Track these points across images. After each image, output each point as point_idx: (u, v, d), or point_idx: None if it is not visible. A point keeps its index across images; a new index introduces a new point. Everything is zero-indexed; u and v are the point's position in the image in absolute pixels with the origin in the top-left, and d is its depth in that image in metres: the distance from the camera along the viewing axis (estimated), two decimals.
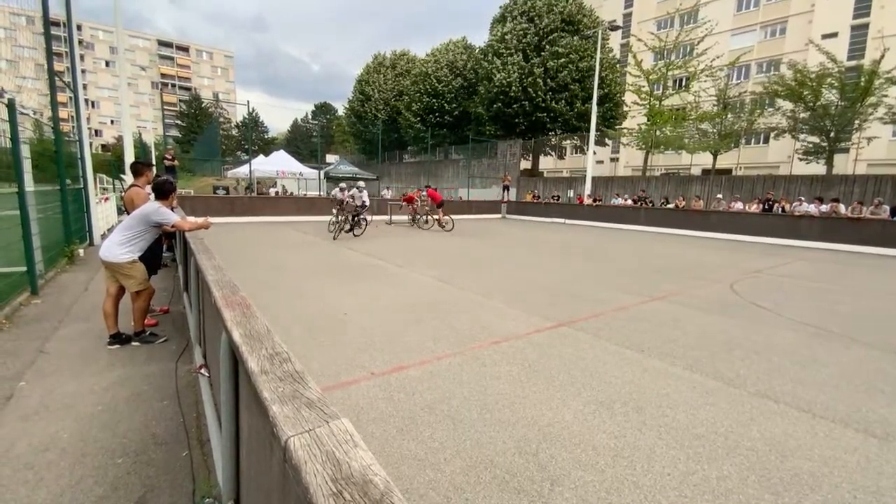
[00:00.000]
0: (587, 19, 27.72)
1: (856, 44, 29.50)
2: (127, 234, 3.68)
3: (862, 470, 2.29)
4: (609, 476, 2.16)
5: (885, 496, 2.08)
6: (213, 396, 2.32)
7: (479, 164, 29.49)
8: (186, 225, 3.87)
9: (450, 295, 5.79)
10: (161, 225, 3.78)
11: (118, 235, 3.68)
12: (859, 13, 29.87)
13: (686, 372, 3.50)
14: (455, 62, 33.20)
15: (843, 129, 20.20)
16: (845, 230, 13.10)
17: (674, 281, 7.35)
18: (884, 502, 2.04)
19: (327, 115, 72.97)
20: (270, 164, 23.20)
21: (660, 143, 24.89)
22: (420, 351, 3.73)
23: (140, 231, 3.72)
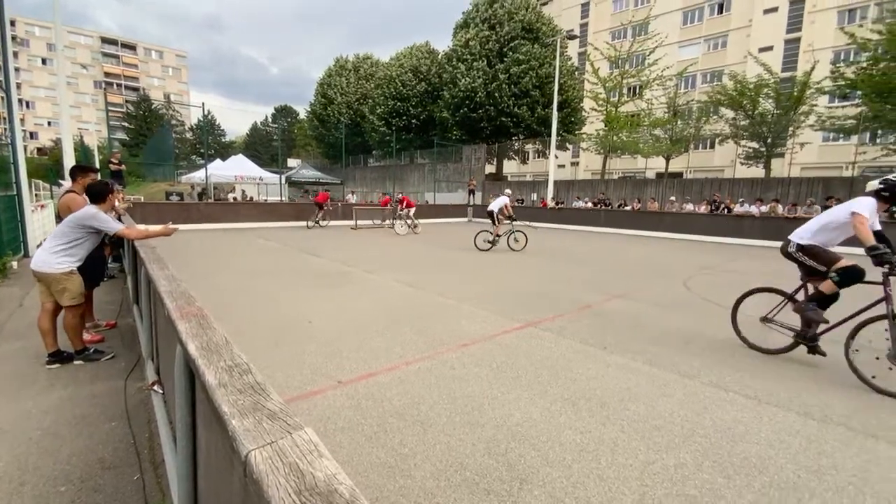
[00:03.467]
0: (546, 28, 28.61)
1: (789, 56, 32.08)
2: (61, 242, 3.38)
3: (804, 451, 2.48)
4: (576, 471, 2.22)
5: (825, 475, 2.26)
6: (167, 414, 2.19)
7: (444, 169, 29.64)
8: (133, 233, 3.61)
9: (418, 299, 5.77)
10: (100, 232, 3.50)
11: (52, 243, 3.38)
12: (792, 28, 32.53)
13: (646, 366, 3.66)
14: (419, 67, 33.28)
15: (778, 136, 21.89)
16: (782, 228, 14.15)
17: (633, 279, 7.67)
18: (824, 480, 2.22)
19: (288, 119, 71.12)
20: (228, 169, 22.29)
21: (617, 147, 26.03)
22: (388, 357, 3.69)
23: (77, 239, 3.42)
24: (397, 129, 32.31)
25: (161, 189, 29.89)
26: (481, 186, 27.71)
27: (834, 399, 3.14)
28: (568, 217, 20.32)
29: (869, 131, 19.33)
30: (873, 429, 2.74)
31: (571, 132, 29.63)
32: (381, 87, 34.43)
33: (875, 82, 17.31)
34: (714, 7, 36.57)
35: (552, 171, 22.44)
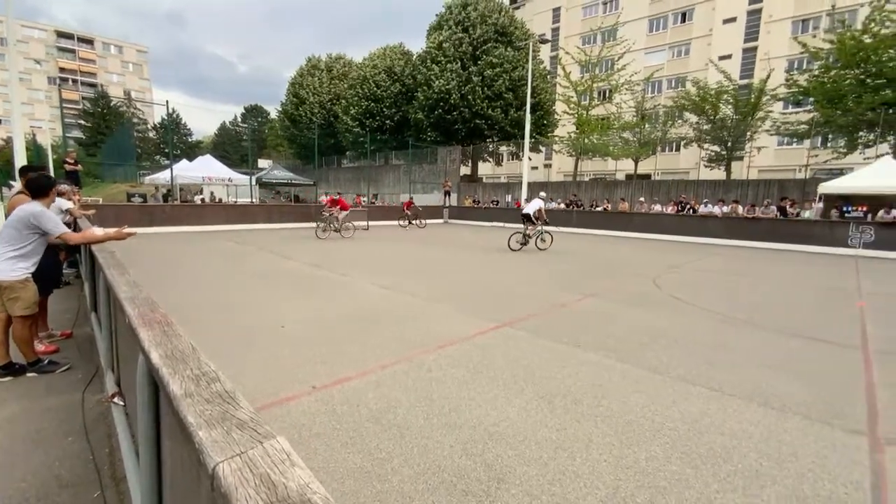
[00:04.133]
0: (519, 31, 29.04)
1: (747, 64, 33.73)
2: (12, 247, 3.12)
3: (765, 440, 2.60)
4: (552, 468, 2.25)
5: (785, 462, 2.38)
6: (129, 427, 2.09)
7: (420, 170, 29.58)
8: (76, 237, 3.32)
9: (394, 302, 5.72)
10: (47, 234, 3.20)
11: (2, 249, 3.12)
12: (749, 37, 34.22)
13: (618, 363, 3.75)
14: (393, 67, 33.11)
15: (737, 140, 22.97)
16: (743, 228, 14.90)
17: (604, 278, 7.87)
18: (784, 467, 2.33)
19: (259, 119, 69.31)
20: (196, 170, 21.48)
21: (588, 149, 26.67)
22: (364, 361, 3.64)
23: (29, 243, 3.16)
24: (371, 129, 32.03)
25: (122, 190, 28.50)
26: (456, 188, 27.82)
27: (792, 389, 3.31)
28: None
29: (820, 136, 20.55)
30: (828, 417, 2.91)
31: (544, 134, 30.15)
32: (355, 87, 34.05)
33: (826, 89, 18.44)
34: (678, 16, 38.06)
35: (526, 173, 22.76)
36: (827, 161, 20.13)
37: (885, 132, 17.50)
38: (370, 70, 33.39)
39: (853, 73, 17.66)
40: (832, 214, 14.53)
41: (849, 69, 17.79)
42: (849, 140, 18.84)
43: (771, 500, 2.06)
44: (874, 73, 16.97)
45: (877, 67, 16.85)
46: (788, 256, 12.21)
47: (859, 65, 17.38)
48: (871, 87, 16.99)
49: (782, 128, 21.19)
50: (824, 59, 18.95)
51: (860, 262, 11.41)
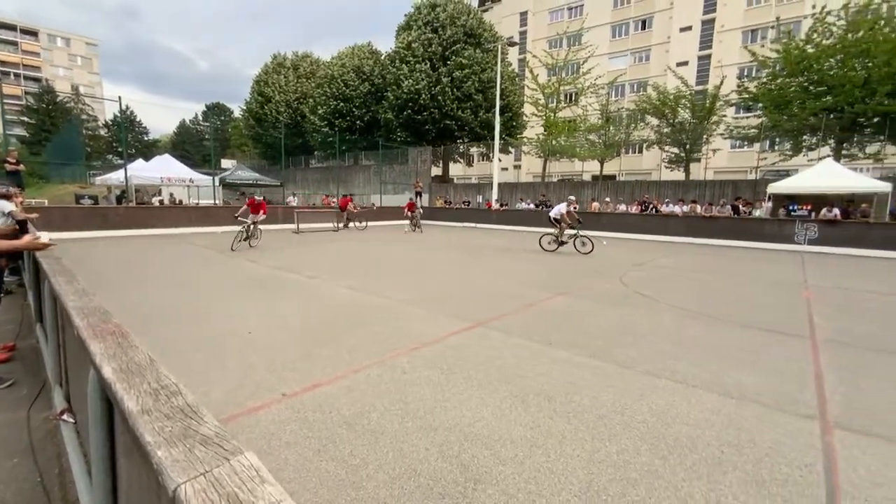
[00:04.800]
0: (487, 33, 29.34)
1: (702, 71, 35.49)
2: None
3: (726, 428, 2.73)
4: (527, 466, 2.27)
5: (744, 448, 2.50)
6: (80, 446, 1.95)
7: (390, 171, 29.35)
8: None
9: (365, 304, 5.64)
10: None
11: None
12: (703, 46, 36.01)
13: (588, 359, 3.84)
14: (362, 67, 32.70)
15: (695, 142, 24.11)
16: (702, 226, 15.65)
17: (574, 277, 8.06)
18: (744, 453, 2.45)
19: (221, 117, 66.77)
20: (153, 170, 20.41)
21: (556, 151, 27.27)
22: (335, 365, 3.56)
23: None
24: (340, 129, 31.50)
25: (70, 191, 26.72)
26: (428, 189, 27.79)
27: (749, 378, 3.49)
28: (512, 218, 20.95)
29: (768, 139, 21.88)
30: (782, 404, 3.08)
31: (513, 136, 30.59)
32: (323, 86, 33.38)
33: (773, 96, 19.64)
34: (638, 23, 39.59)
35: (496, 174, 23.04)
36: (775, 163, 21.45)
37: (827, 136, 18.84)
38: (338, 69, 32.84)
39: (797, 80, 18.90)
40: (780, 213, 15.50)
41: (793, 77, 19.02)
42: (794, 143, 20.14)
43: (733, 485, 2.16)
44: (816, 80, 18.22)
45: (818, 75, 18.09)
46: (742, 253, 12.91)
47: (803, 73, 18.62)
48: (813, 93, 18.23)
49: (735, 131, 22.43)
50: (771, 68, 20.19)
51: (805, 257, 12.21)
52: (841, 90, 17.10)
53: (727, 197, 18.29)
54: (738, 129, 22.20)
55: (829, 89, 17.69)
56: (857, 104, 16.83)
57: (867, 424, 2.80)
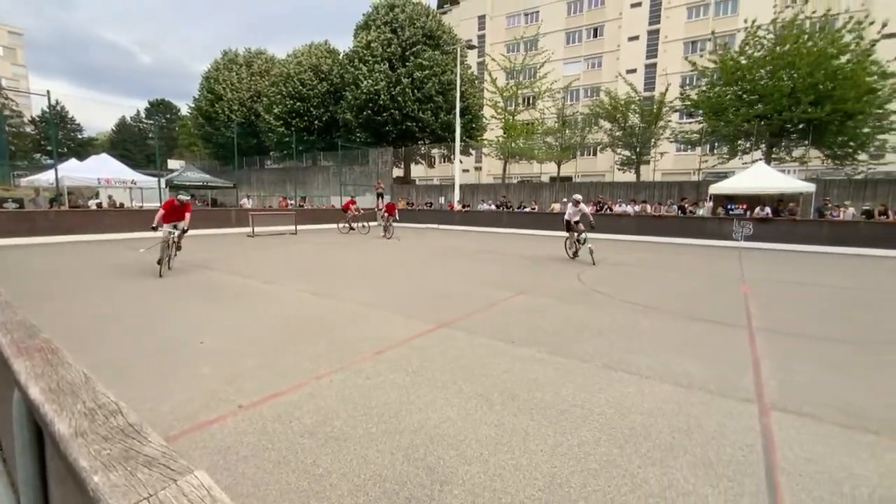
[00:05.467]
0: (446, 35, 29.52)
1: (649, 78, 37.51)
2: None
3: (676, 415, 2.89)
4: (493, 464, 2.30)
5: (693, 433, 2.66)
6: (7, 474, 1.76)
7: (350, 172, 28.82)
8: None
9: (327, 308, 5.50)
10: None
11: None
12: (650, 54, 38.09)
13: (549, 356, 3.95)
14: (319, 66, 31.90)
15: (644, 146, 25.46)
16: (652, 225, 16.54)
17: (534, 276, 8.26)
18: (693, 438, 2.60)
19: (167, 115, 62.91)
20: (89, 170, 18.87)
21: (515, 153, 27.88)
22: (296, 373, 3.44)
23: None
24: (297, 129, 30.58)
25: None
26: (389, 190, 27.54)
27: (695, 367, 3.72)
28: (474, 219, 21.19)
29: (708, 143, 23.45)
30: (725, 389, 3.31)
31: (474, 138, 30.94)
32: (278, 85, 32.25)
33: (711, 103, 21.09)
34: (591, 31, 41.26)
35: (458, 176, 23.21)
36: (714, 165, 23.02)
37: (759, 141, 20.47)
38: (294, 68, 31.85)
39: (732, 89, 20.40)
40: (720, 212, 16.66)
41: (729, 86, 20.52)
42: (731, 147, 21.73)
43: (683, 468, 2.29)
44: (749, 89, 19.76)
45: (751, 85, 19.63)
46: (688, 249, 13.75)
47: (737, 82, 20.14)
48: (746, 101, 19.75)
49: (679, 136, 23.89)
50: (709, 77, 21.68)
51: (742, 252, 13.19)
52: (770, 99, 18.65)
53: (674, 197, 19.44)
54: (682, 134, 23.67)
55: (760, 98, 19.23)
56: (784, 112, 18.41)
57: (799, 405, 3.06)
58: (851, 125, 18.21)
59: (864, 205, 15.63)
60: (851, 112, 17.63)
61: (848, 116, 17.80)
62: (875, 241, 12.86)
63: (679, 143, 24.88)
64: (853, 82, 17.38)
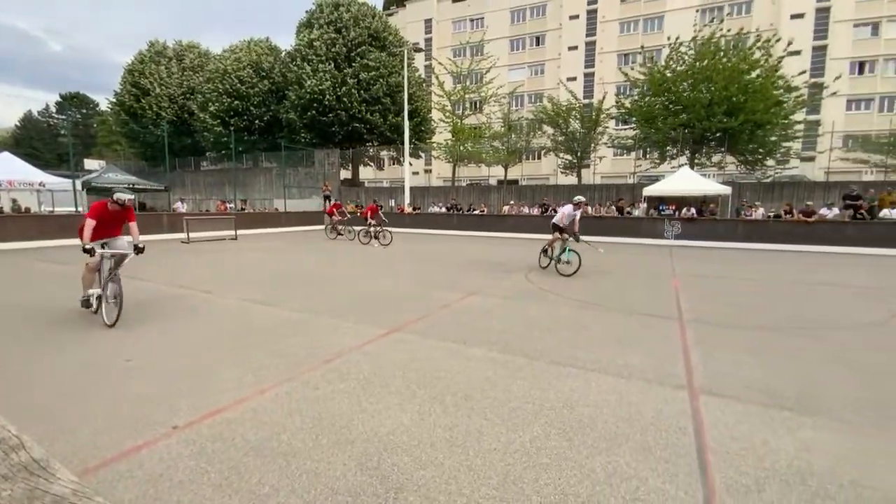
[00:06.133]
0: (393, 37, 29.37)
1: (588, 86, 39.67)
2: None
3: (619, 405, 3.05)
4: (448, 467, 2.29)
5: (634, 421, 2.82)
6: None
7: (295, 173, 27.75)
8: None
9: (273, 318, 5.23)
10: None
11: None
12: (588, 64, 40.31)
13: (500, 354, 4.03)
14: (260, 63, 30.45)
15: (584, 150, 26.87)
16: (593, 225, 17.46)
17: (485, 276, 8.41)
18: (634, 425, 2.76)
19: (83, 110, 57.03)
20: None
21: (463, 156, 28.29)
22: (238, 388, 3.24)
23: None
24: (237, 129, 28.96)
25: None
26: (337, 192, 26.86)
27: (634, 358, 3.97)
28: (425, 221, 21.20)
29: (641, 149, 25.23)
30: (660, 378, 3.55)
31: (423, 140, 31.00)
32: (214, 81, 30.36)
33: (642, 112, 22.71)
34: (533, 39, 42.95)
35: (407, 178, 23.13)
36: (647, 169, 24.80)
37: (683, 147, 22.32)
38: (232, 64, 30.15)
39: (660, 100, 22.11)
40: (652, 213, 17.96)
41: (657, 97, 22.22)
42: (660, 152, 23.52)
43: (626, 455, 2.42)
44: (674, 100, 21.52)
45: (675, 96, 21.39)
46: (625, 248, 14.66)
47: (664, 93, 21.85)
48: (672, 111, 21.49)
49: (616, 141, 25.50)
50: (640, 88, 23.35)
51: (673, 249, 14.30)
52: (692, 109, 20.42)
53: (612, 199, 20.68)
54: (618, 140, 25.30)
55: (683, 108, 20.99)
56: (703, 121, 20.24)
57: (723, 388, 3.35)
58: (761, 134, 20.42)
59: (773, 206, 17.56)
60: (760, 122, 19.78)
61: (758, 126, 19.94)
62: (782, 237, 14.48)
63: (616, 147, 26.53)
64: (762, 95, 19.51)
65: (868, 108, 32.59)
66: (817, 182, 20.28)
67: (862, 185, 17.76)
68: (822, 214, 15.00)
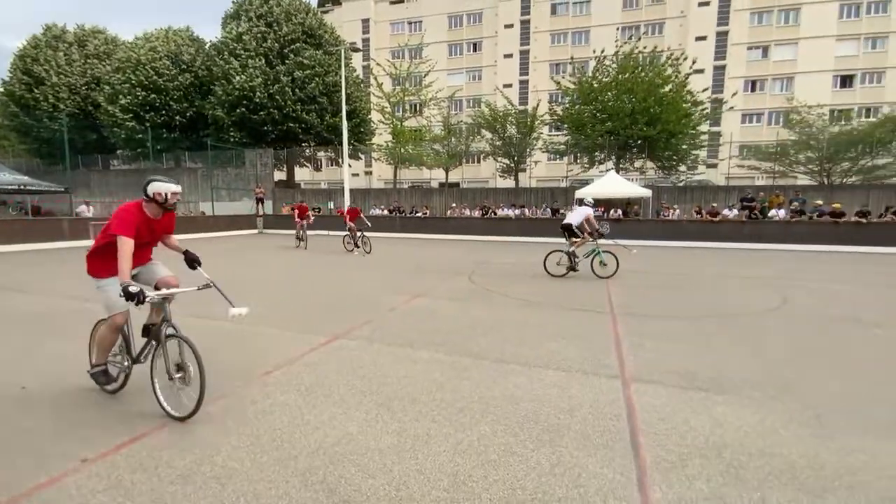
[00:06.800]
0: (329, 35, 28.49)
1: (523, 93, 41.32)
2: None
3: (560, 397, 3.20)
4: (397, 473, 2.25)
5: (574, 412, 2.97)
6: None
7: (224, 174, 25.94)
8: None
9: (202, 331, 4.81)
10: None
11: None
12: (523, 72, 42.01)
13: (447, 356, 4.05)
14: (180, 54, 28.06)
15: (521, 155, 27.96)
16: (530, 227, 18.23)
17: (429, 278, 8.42)
18: (574, 416, 2.91)
19: None
20: None
21: (405, 158, 28.18)
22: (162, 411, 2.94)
23: None
24: (154, 125, 26.44)
25: None
26: (271, 194, 25.51)
27: (573, 352, 4.18)
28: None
29: (573, 154, 26.78)
30: (596, 369, 3.78)
31: (362, 142, 30.40)
32: (125, 71, 27.43)
33: (573, 119, 24.13)
34: (471, 45, 43.91)
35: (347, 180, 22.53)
36: (578, 173, 26.38)
37: (610, 153, 24.04)
38: (147, 54, 27.46)
39: (588, 108, 23.65)
40: None
41: (586, 105, 23.75)
42: (590, 158, 25.14)
43: (569, 445, 2.54)
44: (601, 109, 23.12)
45: (602, 105, 23.00)
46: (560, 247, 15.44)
47: (591, 103, 23.41)
48: (599, 119, 23.07)
49: (549, 146, 26.86)
50: (571, 96, 24.81)
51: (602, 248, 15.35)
52: (617, 118, 22.08)
53: (547, 201, 21.72)
54: (552, 145, 26.66)
55: (609, 117, 22.62)
56: (626, 129, 21.96)
57: (651, 375, 3.64)
58: (674, 142, 22.60)
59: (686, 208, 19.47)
60: (674, 132, 21.88)
61: (672, 135, 22.04)
62: (695, 235, 16.11)
63: (550, 152, 27.93)
64: (674, 107, 21.61)
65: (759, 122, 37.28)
66: (720, 186, 22.81)
67: (755, 188, 20.30)
68: (725, 215, 16.95)
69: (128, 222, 2.76)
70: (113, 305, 2.89)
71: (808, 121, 23.63)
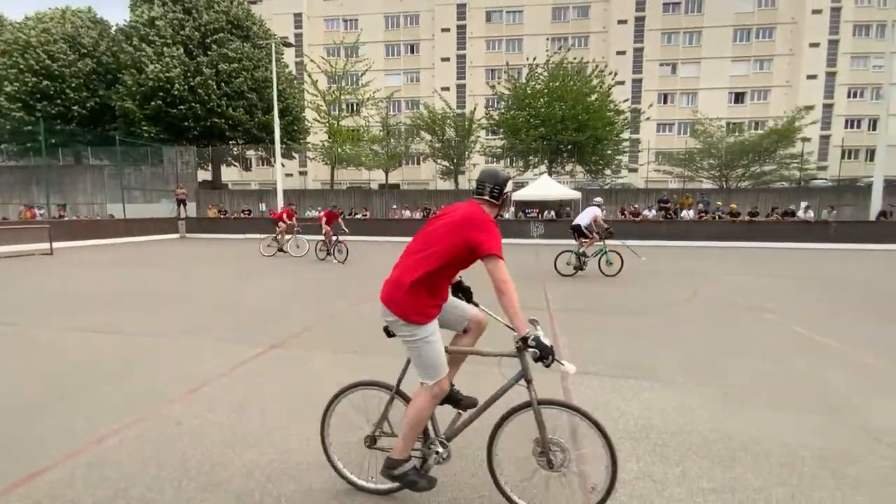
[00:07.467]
0: (258, 28, 26.91)
1: (461, 97, 42.03)
2: None
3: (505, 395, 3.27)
4: (341, 486, 2.17)
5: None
6: None
7: (138, 173, 23.45)
8: None
9: (116, 347, 4.31)
10: None
11: None
12: (460, 76, 42.73)
13: (392, 360, 3.98)
14: (79, 38, 24.94)
15: (460, 157, 28.45)
16: None
17: (374, 282, 8.26)
18: None
19: None
20: None
21: (342, 159, 27.40)
22: (69, 438, 2.58)
23: None
24: (47, 116, 23.24)
25: None
26: (194, 196, 23.54)
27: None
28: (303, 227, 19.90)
29: (509, 157, 27.76)
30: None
31: (296, 140, 29.07)
32: (12, 55, 23.83)
33: (508, 124, 25.02)
34: (408, 46, 43.84)
35: (280, 180, 21.46)
36: (514, 176, 27.41)
37: (543, 157, 25.26)
38: (39, 35, 24.06)
39: (523, 114, 24.66)
40: (520, 215, 19.93)
41: (520, 111, 24.74)
42: (525, 161, 26.23)
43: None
44: (534, 115, 24.21)
45: (535, 111, 24.09)
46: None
47: (525, 108, 24.43)
48: (533, 125, 24.15)
49: (487, 149, 27.62)
50: (506, 101, 25.73)
51: (538, 248, 16.05)
52: (549, 124, 23.25)
53: None
54: (489, 148, 27.44)
55: (542, 122, 23.76)
56: (558, 135, 23.21)
57: (586, 366, 3.86)
58: (600, 148, 24.27)
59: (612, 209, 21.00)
60: (599, 138, 23.50)
61: (598, 141, 23.66)
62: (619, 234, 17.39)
63: (487, 156, 28.70)
64: (599, 115, 23.21)
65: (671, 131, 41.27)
66: (640, 189, 24.93)
67: (670, 191, 22.44)
68: (645, 215, 18.55)
69: (499, 238, 2.00)
70: (441, 366, 2.15)
71: (710, 132, 26.60)
